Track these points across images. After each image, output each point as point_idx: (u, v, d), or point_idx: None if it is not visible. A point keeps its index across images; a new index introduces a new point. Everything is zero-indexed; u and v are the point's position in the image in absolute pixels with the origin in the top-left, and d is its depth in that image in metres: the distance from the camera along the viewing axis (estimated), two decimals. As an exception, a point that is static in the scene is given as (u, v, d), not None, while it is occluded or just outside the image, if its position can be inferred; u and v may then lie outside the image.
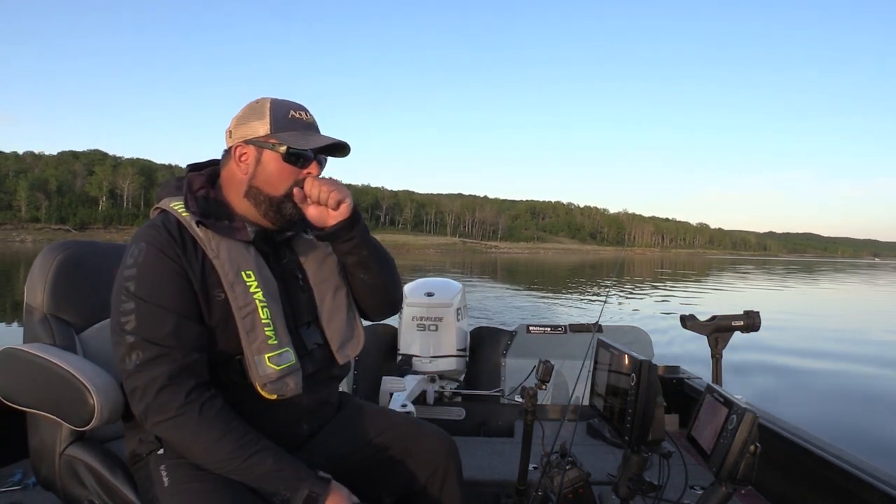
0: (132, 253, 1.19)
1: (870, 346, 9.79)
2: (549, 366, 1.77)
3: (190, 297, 1.18)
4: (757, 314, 2.34)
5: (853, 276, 42.99)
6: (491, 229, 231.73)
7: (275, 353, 1.21)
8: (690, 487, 1.93)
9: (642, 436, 1.35)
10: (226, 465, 1.13)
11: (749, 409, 1.12)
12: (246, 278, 1.22)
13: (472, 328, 3.44)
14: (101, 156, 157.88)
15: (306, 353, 1.31)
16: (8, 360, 1.41)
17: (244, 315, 1.20)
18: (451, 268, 38.67)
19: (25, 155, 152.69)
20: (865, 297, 23.37)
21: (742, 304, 3.43)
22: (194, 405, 1.13)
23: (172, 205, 1.26)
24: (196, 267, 1.20)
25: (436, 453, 1.41)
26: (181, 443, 1.15)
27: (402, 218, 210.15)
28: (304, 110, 1.30)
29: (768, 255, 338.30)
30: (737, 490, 1.16)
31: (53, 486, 1.44)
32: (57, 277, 1.52)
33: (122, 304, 1.16)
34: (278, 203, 1.26)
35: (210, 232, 1.22)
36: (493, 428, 2.98)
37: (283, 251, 1.36)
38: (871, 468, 1.67)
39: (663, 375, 3.00)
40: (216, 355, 1.22)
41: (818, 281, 33.55)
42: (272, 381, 1.21)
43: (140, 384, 1.13)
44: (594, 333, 1.79)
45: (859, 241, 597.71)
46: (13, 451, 2.07)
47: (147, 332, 1.13)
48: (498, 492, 2.21)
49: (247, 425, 1.18)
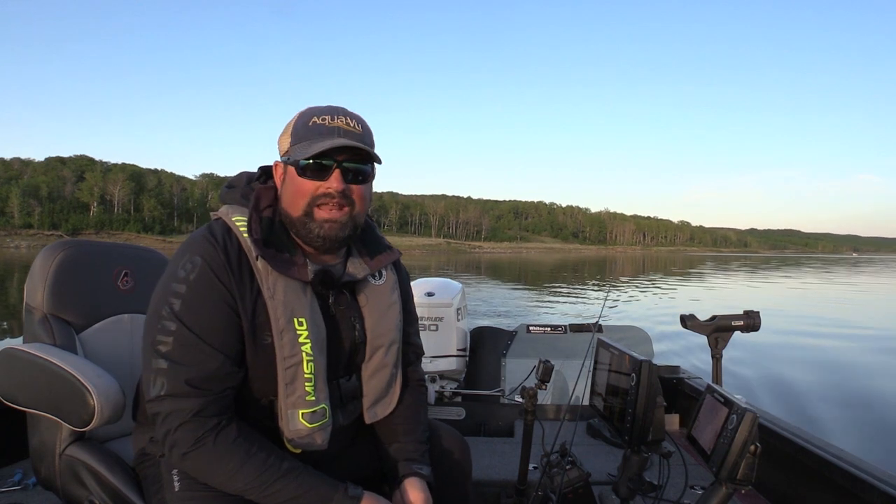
0: (184, 265, 1.10)
1: (870, 346, 9.79)
2: (549, 366, 1.77)
3: (234, 336, 1.10)
4: (757, 314, 2.34)
5: (811, 271, 43.80)
6: (475, 230, 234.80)
7: (310, 409, 1.14)
8: (690, 487, 1.93)
9: (642, 436, 1.35)
10: (248, 494, 1.08)
11: (749, 409, 1.12)
12: (297, 326, 1.12)
13: (472, 328, 3.45)
14: (88, 161, 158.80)
15: (340, 406, 1.24)
16: (8, 361, 1.41)
17: (287, 366, 1.12)
18: (436, 267, 39.20)
19: (13, 160, 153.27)
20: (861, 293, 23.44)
21: (742, 304, 3.44)
22: (209, 437, 1.06)
23: (235, 219, 1.16)
24: (248, 303, 1.11)
25: (450, 453, 1.39)
26: (199, 475, 1.10)
27: (387, 220, 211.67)
28: (335, 114, 1.15)
29: (748, 251, 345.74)
30: (737, 490, 1.15)
31: (53, 486, 1.44)
32: (57, 277, 1.52)
33: (161, 319, 1.08)
34: (301, 224, 1.14)
35: (269, 266, 1.12)
36: (493, 428, 2.97)
37: (343, 295, 1.25)
38: (871, 468, 1.67)
39: (663, 375, 2.99)
40: (247, 395, 1.15)
41: (791, 277, 34.21)
42: (301, 437, 1.15)
43: (162, 412, 1.07)
44: (594, 333, 1.79)
45: (840, 237, 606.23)
46: (13, 451, 2.07)
47: (181, 365, 1.06)
48: (498, 492, 2.21)
49: (270, 446, 1.12)
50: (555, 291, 21.49)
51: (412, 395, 1.37)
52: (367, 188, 1.20)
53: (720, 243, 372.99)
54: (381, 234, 1.36)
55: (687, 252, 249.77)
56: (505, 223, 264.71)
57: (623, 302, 16.82)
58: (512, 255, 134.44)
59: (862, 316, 14.53)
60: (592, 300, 17.55)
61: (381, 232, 1.37)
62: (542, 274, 36.78)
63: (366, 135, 1.18)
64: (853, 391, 6.53)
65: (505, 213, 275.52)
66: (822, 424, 5.09)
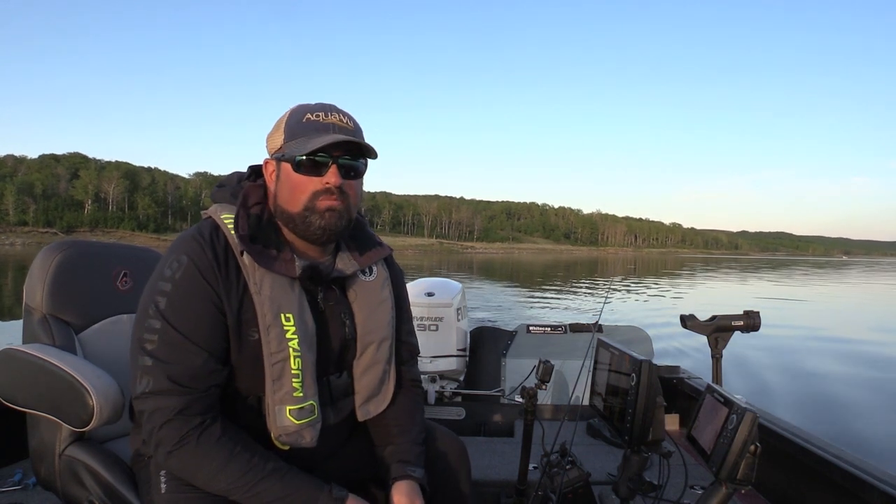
0: (171, 263, 1.11)
1: (870, 345, 9.79)
2: (549, 366, 1.77)
3: (220, 333, 1.11)
4: (757, 314, 2.34)
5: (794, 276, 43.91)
6: (467, 230, 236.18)
7: (297, 406, 1.14)
8: (690, 487, 1.93)
9: (642, 436, 1.35)
10: (232, 494, 1.08)
11: (749, 409, 1.12)
12: (284, 322, 1.12)
13: (472, 328, 3.45)
14: (81, 159, 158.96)
15: (330, 403, 1.24)
16: (7, 361, 1.41)
17: (274, 362, 1.12)
18: (428, 268, 39.59)
19: (7, 158, 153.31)
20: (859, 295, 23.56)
21: (743, 303, 3.44)
22: (192, 435, 1.06)
23: (224, 217, 1.16)
24: (234, 299, 1.12)
25: (448, 456, 1.38)
26: (183, 474, 1.10)
27: (379, 220, 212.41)
28: (328, 111, 1.16)
29: (739, 253, 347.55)
30: (737, 490, 1.15)
31: (53, 486, 1.44)
32: (56, 277, 1.51)
33: (148, 318, 1.09)
34: (301, 219, 1.14)
35: (255, 262, 1.12)
36: (493, 428, 2.98)
37: (332, 290, 1.25)
38: (871, 468, 1.67)
39: (663, 375, 2.99)
40: (234, 393, 1.15)
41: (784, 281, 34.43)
42: (288, 434, 1.14)
43: (147, 409, 1.07)
44: (594, 333, 1.79)
45: (831, 240, 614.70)
46: (13, 451, 2.07)
47: (166, 363, 1.07)
48: (498, 492, 2.21)
49: (255, 446, 1.12)
50: (547, 290, 21.92)
51: (407, 396, 1.36)
52: (360, 184, 1.21)
53: (711, 245, 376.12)
54: (371, 230, 1.36)
55: (678, 254, 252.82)
56: (497, 224, 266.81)
57: (622, 301, 16.83)
58: (504, 255, 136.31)
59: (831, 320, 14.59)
60: (582, 296, 17.60)
61: (371, 229, 1.37)
62: (535, 273, 37.37)
63: (357, 131, 1.19)
64: (854, 391, 6.53)
65: (497, 214, 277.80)
66: (822, 424, 5.10)
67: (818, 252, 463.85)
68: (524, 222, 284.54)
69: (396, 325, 1.34)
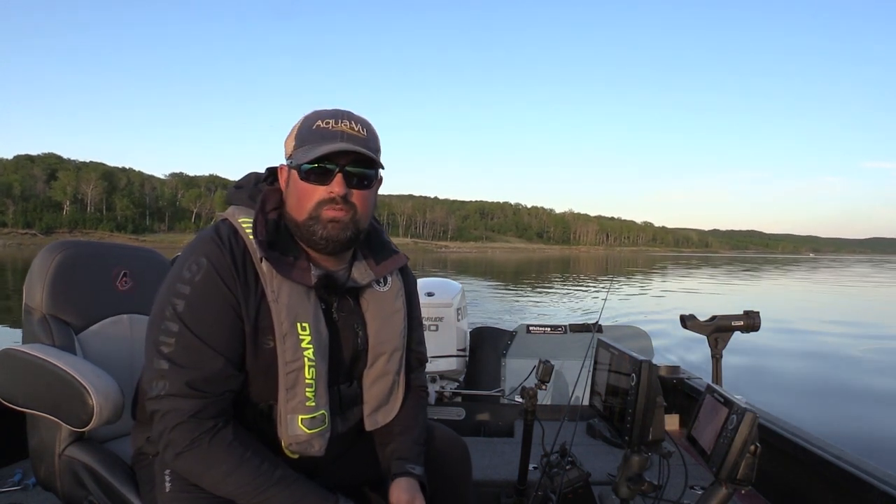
0: (190, 266, 1.10)
1: (870, 346, 9.79)
2: (548, 366, 1.77)
3: (237, 339, 1.10)
4: (757, 314, 2.34)
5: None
6: (441, 230, 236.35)
7: (309, 415, 1.14)
8: (690, 487, 1.93)
9: (642, 436, 1.34)
10: (239, 499, 1.08)
11: (749, 409, 1.12)
12: (300, 331, 1.12)
13: (472, 328, 3.45)
14: (56, 159, 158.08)
15: (339, 413, 1.24)
16: (7, 361, 1.41)
17: (289, 371, 1.12)
18: None
19: None
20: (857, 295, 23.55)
21: (742, 303, 3.44)
22: (204, 438, 1.06)
23: (242, 221, 1.15)
24: (252, 306, 1.11)
25: (450, 457, 1.38)
26: (191, 476, 1.09)
27: None
28: (339, 118, 1.14)
29: (709, 251, 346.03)
30: (737, 490, 1.15)
31: (53, 486, 1.44)
32: (56, 278, 1.52)
33: (165, 319, 1.08)
34: (305, 228, 1.13)
35: (273, 269, 1.11)
36: (493, 428, 2.98)
37: (346, 300, 1.25)
38: (871, 468, 1.67)
39: (663, 375, 2.99)
40: (245, 399, 1.15)
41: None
42: (299, 443, 1.15)
43: (161, 410, 1.07)
44: (594, 333, 1.79)
45: (800, 238, 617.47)
46: (13, 451, 2.07)
47: (182, 367, 1.06)
48: (498, 492, 2.21)
49: (264, 452, 1.11)
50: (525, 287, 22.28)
51: (412, 399, 1.36)
52: (371, 193, 1.18)
53: (682, 243, 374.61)
54: (388, 238, 1.35)
55: (649, 252, 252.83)
56: (471, 223, 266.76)
57: (623, 302, 16.83)
58: (477, 254, 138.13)
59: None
60: (592, 300, 17.60)
61: (388, 236, 1.35)
62: (507, 272, 38.00)
63: (370, 139, 1.17)
64: (854, 391, 6.53)
65: (471, 214, 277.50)
66: (822, 424, 5.09)
67: (787, 250, 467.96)
68: (497, 222, 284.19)
69: (407, 334, 1.33)
